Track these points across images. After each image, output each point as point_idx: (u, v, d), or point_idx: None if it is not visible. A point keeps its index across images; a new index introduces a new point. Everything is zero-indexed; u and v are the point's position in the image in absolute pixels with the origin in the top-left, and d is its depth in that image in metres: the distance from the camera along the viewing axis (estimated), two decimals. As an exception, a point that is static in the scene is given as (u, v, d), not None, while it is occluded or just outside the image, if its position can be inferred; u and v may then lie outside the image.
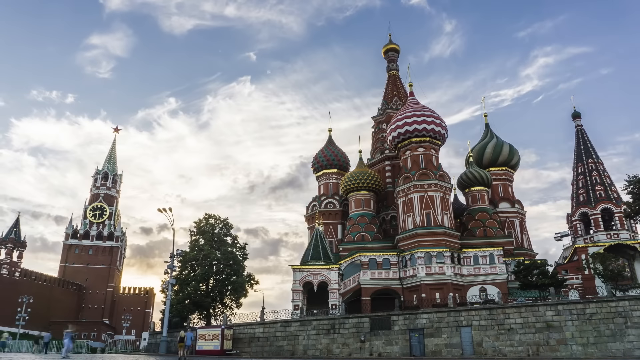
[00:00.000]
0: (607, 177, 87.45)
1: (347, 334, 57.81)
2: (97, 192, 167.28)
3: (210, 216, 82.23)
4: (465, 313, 54.63)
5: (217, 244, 78.97)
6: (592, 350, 47.60)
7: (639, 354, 45.72)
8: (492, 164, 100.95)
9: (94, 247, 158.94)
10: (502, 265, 77.52)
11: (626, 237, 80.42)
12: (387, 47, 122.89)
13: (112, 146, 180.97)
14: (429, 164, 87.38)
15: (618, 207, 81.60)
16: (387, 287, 79.32)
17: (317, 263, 79.96)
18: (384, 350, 55.45)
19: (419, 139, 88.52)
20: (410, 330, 55.48)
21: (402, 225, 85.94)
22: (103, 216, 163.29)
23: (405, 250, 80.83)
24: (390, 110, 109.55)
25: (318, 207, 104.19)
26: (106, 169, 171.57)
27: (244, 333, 63.60)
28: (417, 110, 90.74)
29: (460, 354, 52.14)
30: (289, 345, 59.74)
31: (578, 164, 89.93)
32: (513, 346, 50.57)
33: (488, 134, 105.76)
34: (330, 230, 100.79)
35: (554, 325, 50.17)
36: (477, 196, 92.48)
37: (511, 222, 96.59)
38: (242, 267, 78.76)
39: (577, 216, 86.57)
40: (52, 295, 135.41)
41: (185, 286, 72.83)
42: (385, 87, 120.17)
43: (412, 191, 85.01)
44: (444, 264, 76.29)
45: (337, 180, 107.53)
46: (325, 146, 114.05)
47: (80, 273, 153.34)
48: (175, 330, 68.67)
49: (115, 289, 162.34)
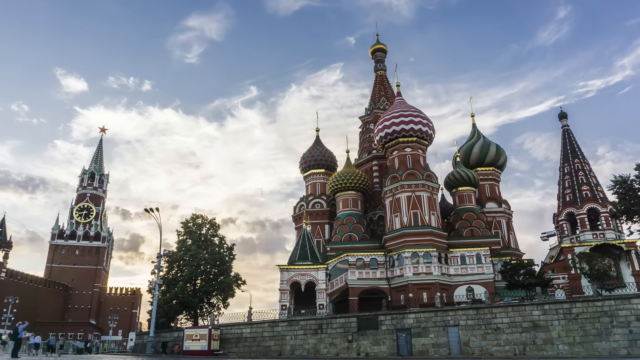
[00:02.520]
0: (594, 177, 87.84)
1: (334, 334, 57.85)
2: (84, 192, 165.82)
3: (197, 216, 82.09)
4: (453, 313, 54.82)
5: (205, 244, 78.80)
6: (579, 350, 47.87)
7: (624, 353, 46.03)
8: (479, 164, 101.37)
9: (80, 247, 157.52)
10: (489, 265, 77.75)
11: (612, 237, 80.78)
12: (374, 47, 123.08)
13: (98, 146, 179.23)
14: (417, 164, 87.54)
15: (604, 207, 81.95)
16: (375, 287, 79.37)
17: (305, 263, 79.81)
18: (371, 350, 55.52)
19: (406, 139, 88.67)
20: (397, 330, 55.61)
21: (390, 225, 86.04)
22: (90, 216, 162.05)
23: (392, 250, 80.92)
24: (377, 111, 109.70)
25: (305, 207, 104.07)
26: (93, 169, 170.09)
27: (231, 333, 63.56)
28: (404, 110, 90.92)
29: (448, 353, 52.31)
30: (276, 346, 59.74)
31: (564, 164, 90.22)
32: (500, 346, 50.78)
33: (475, 134, 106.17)
34: (317, 230, 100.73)
35: (541, 325, 50.42)
36: (464, 196, 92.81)
37: (498, 222, 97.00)
38: (229, 267, 78.62)
39: (563, 216, 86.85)
40: (38, 296, 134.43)
41: (172, 286, 72.59)
42: (372, 87, 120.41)
43: (400, 191, 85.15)
44: (431, 264, 76.40)
45: (325, 180, 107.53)
46: (313, 146, 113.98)
47: (66, 273, 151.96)
48: (162, 331, 68.54)
49: (102, 289, 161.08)
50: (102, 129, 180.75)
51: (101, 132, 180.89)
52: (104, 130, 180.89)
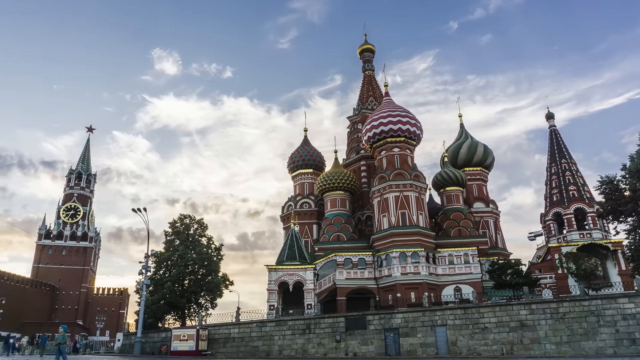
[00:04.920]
0: (580, 177, 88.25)
1: (322, 334, 57.83)
2: (71, 192, 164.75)
3: (185, 216, 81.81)
4: (440, 312, 54.92)
5: (192, 244, 78.57)
6: (566, 349, 48.09)
7: (611, 352, 46.28)
8: (466, 164, 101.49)
9: (67, 248, 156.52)
10: (476, 264, 77.95)
11: (599, 236, 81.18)
12: (362, 47, 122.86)
13: (86, 145, 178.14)
14: (404, 164, 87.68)
15: (591, 207, 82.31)
16: (363, 287, 79.36)
17: (293, 263, 79.81)
18: (359, 350, 55.54)
19: (394, 139, 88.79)
20: (385, 330, 55.65)
21: (378, 225, 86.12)
22: (77, 216, 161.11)
23: (380, 250, 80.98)
24: (365, 111, 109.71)
25: (293, 207, 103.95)
26: (80, 169, 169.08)
27: (219, 333, 63.39)
28: (392, 110, 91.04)
29: (435, 353, 52.38)
30: (264, 346, 59.65)
31: (552, 164, 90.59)
32: (487, 345, 50.93)
33: (463, 134, 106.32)
34: (305, 230, 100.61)
35: (528, 324, 50.61)
36: (452, 196, 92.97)
37: (485, 222, 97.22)
38: (217, 267, 78.45)
39: (550, 216, 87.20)
40: (25, 297, 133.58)
41: (160, 287, 72.30)
42: (360, 87, 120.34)
43: (388, 191, 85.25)
44: (419, 264, 76.47)
45: (313, 180, 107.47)
46: (301, 146, 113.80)
47: (53, 274, 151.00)
48: (150, 331, 68.26)
49: (89, 289, 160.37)
50: (89, 129, 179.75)
51: (88, 131, 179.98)
52: (91, 130, 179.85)
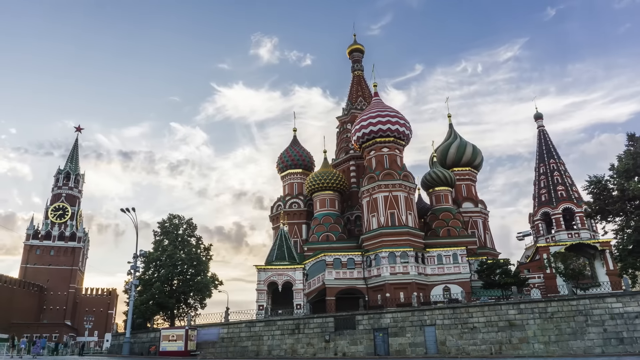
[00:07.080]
0: (569, 178, 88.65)
1: (311, 334, 57.75)
2: (59, 192, 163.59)
3: (174, 216, 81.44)
4: (429, 312, 54.98)
5: (181, 244, 78.25)
6: (554, 348, 48.23)
7: (599, 351, 46.45)
8: (455, 164, 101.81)
9: (55, 248, 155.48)
10: (465, 264, 78.17)
11: (587, 236, 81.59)
12: (351, 47, 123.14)
13: (74, 145, 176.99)
14: (394, 164, 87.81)
15: (579, 207, 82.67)
16: (352, 287, 79.41)
17: (282, 263, 79.76)
18: (348, 350, 55.51)
19: (384, 139, 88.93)
20: (374, 330, 55.65)
21: (367, 225, 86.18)
22: (65, 216, 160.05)
23: (369, 250, 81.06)
24: (355, 111, 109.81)
25: (283, 207, 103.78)
26: (68, 169, 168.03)
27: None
28: (381, 110, 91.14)
29: (424, 352, 52.43)
30: (253, 346, 59.49)
31: (540, 164, 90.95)
32: (476, 345, 51.02)
33: (452, 135, 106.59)
34: (295, 230, 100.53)
35: (516, 324, 50.73)
36: (441, 196, 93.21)
37: (474, 222, 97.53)
38: (206, 267, 78.16)
39: (539, 216, 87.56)
40: (12, 297, 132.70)
41: (149, 287, 72.01)
42: (350, 87, 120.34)
43: (377, 191, 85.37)
44: (408, 264, 76.64)
45: (302, 180, 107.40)
46: (290, 146, 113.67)
47: (41, 274, 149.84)
48: (139, 332, 68.00)
49: (78, 290, 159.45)
50: (78, 128, 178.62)
51: (77, 131, 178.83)
52: (79, 130, 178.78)
